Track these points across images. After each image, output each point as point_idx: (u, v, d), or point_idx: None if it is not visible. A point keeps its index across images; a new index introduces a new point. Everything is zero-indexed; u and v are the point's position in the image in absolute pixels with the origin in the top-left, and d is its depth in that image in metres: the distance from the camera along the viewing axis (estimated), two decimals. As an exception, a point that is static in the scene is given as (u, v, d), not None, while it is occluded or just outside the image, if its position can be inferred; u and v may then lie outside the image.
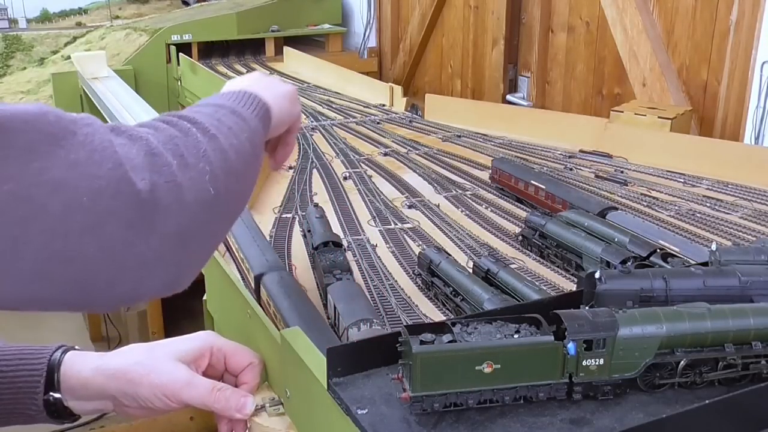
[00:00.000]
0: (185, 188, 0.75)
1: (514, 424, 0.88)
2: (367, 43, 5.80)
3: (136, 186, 0.70)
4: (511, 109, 3.58)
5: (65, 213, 0.66)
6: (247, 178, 0.91)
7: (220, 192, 0.80)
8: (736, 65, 3.11)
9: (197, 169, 0.78)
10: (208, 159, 0.80)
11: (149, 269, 0.73)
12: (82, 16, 6.73)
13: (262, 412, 1.13)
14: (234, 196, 0.87)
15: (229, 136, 0.86)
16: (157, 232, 0.72)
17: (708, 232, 1.88)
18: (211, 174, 0.79)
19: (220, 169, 0.81)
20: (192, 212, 0.76)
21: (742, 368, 0.95)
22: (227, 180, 0.82)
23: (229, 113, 0.91)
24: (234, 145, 0.86)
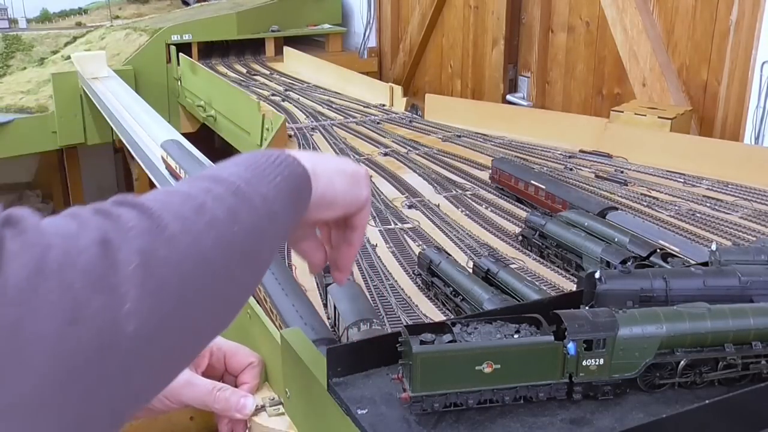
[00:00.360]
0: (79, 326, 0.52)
1: (514, 424, 0.88)
2: (367, 43, 5.80)
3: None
4: (511, 109, 3.58)
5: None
6: (221, 295, 0.66)
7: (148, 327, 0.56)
8: (736, 65, 3.11)
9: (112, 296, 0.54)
10: (140, 279, 0.56)
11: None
12: (82, 16, 6.72)
13: (262, 412, 1.13)
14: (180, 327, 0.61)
15: (203, 234, 0.62)
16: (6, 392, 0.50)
17: (708, 232, 1.88)
18: (137, 302, 0.55)
19: (162, 290, 0.58)
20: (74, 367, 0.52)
21: (742, 368, 0.95)
22: (171, 306, 0.59)
23: (227, 194, 0.67)
24: (205, 249, 0.62)
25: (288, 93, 4.23)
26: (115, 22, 6.41)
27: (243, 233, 0.66)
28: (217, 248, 0.63)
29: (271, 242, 0.72)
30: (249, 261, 0.68)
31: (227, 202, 0.66)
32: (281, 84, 4.56)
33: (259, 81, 4.71)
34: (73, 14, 6.71)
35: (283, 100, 4.03)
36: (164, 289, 0.58)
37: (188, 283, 0.60)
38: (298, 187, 0.76)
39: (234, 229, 0.65)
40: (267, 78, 4.82)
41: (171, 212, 0.61)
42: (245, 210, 0.67)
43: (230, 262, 0.65)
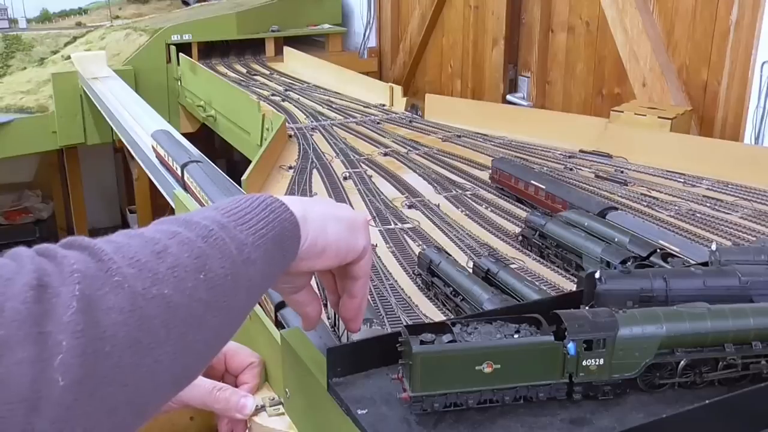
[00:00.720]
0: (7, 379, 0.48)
1: (514, 424, 0.88)
2: (367, 43, 5.80)
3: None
4: (511, 109, 3.58)
5: None
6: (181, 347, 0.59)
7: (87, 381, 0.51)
8: (736, 65, 3.11)
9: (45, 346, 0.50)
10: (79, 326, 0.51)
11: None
12: (82, 16, 6.72)
13: (262, 412, 1.13)
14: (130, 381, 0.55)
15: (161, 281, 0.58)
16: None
17: (708, 232, 1.88)
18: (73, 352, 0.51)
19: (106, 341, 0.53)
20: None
21: (742, 368, 0.95)
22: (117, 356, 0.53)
23: (196, 238, 0.62)
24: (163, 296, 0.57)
25: (288, 93, 4.23)
26: (115, 22, 6.41)
27: (211, 281, 0.61)
28: (179, 295, 0.58)
29: (248, 291, 0.67)
30: (219, 310, 0.63)
31: (195, 247, 0.61)
32: (281, 84, 4.56)
33: (259, 81, 4.71)
34: (73, 14, 6.71)
35: (283, 100, 4.03)
36: (109, 337, 0.52)
37: (142, 331, 0.55)
38: (284, 234, 0.71)
39: (200, 276, 0.60)
40: (267, 78, 4.83)
41: (126, 256, 0.57)
42: (216, 258, 0.62)
43: (195, 310, 0.60)
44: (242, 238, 0.66)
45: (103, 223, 6.88)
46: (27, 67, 5.57)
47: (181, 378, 0.63)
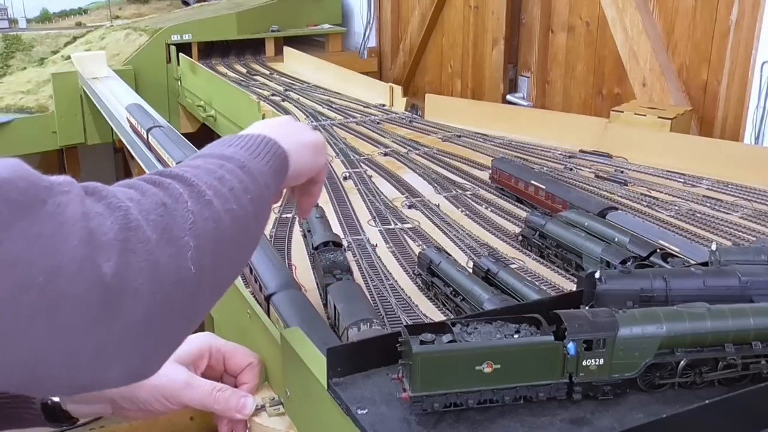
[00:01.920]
0: (161, 267, 0.68)
1: (514, 424, 0.88)
2: (367, 43, 5.80)
3: (101, 268, 0.62)
4: (511, 109, 3.58)
5: (16, 292, 0.59)
6: (244, 245, 0.84)
7: (205, 268, 0.73)
8: (736, 65, 3.11)
9: (179, 245, 0.70)
10: (196, 231, 0.72)
11: (108, 359, 0.66)
12: (82, 16, 6.72)
13: (262, 412, 1.13)
14: (223, 268, 0.79)
15: (229, 199, 0.79)
16: (121, 318, 0.65)
17: (708, 232, 1.88)
18: (196, 249, 0.71)
19: (210, 241, 0.74)
20: (166, 294, 0.68)
21: (742, 368, 0.95)
22: (216, 252, 0.75)
23: (236, 168, 0.83)
24: (232, 210, 0.78)
25: (288, 93, 4.23)
26: (115, 22, 6.41)
27: (253, 199, 0.83)
28: (239, 209, 0.80)
29: (268, 207, 0.91)
30: (258, 219, 0.86)
31: (238, 174, 0.82)
32: (281, 84, 4.56)
33: (259, 81, 4.71)
34: (73, 14, 6.71)
35: (283, 100, 4.03)
36: (209, 239, 0.74)
37: (224, 234, 0.76)
38: (281, 165, 0.93)
39: (248, 196, 0.82)
40: (267, 78, 4.83)
41: (204, 182, 0.77)
42: (252, 182, 0.84)
43: (247, 218, 0.81)
44: (261, 168, 0.87)
45: (103, 223, 6.90)
46: (27, 67, 5.57)
47: (242, 265, 0.89)
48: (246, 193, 0.81)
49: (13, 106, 4.96)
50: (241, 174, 0.83)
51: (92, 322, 0.63)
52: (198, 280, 0.72)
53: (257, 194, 0.84)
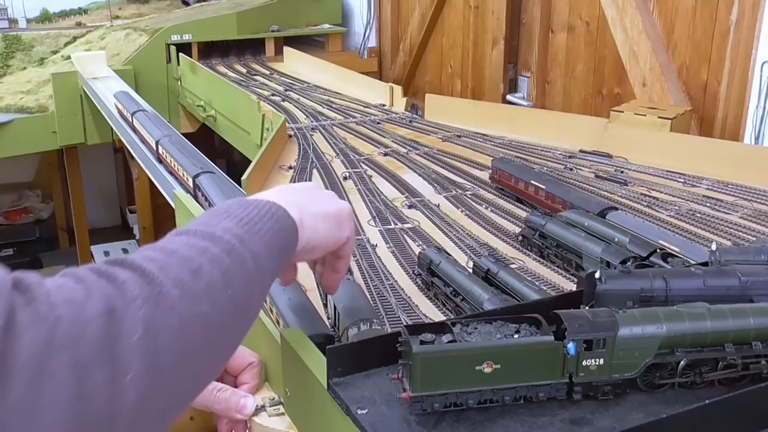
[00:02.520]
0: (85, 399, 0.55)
1: (514, 424, 0.88)
2: (367, 43, 5.80)
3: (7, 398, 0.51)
4: (511, 109, 3.58)
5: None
6: (214, 352, 0.70)
7: (150, 392, 0.59)
8: (736, 65, 3.11)
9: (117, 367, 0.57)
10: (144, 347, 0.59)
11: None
12: (82, 16, 6.72)
13: (262, 412, 1.13)
14: (178, 385, 0.64)
15: (200, 299, 0.65)
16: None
17: (708, 232, 1.88)
18: (142, 371, 0.58)
19: (165, 353, 0.60)
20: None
21: (742, 368, 0.95)
22: (173, 368, 0.62)
23: (223, 254, 0.70)
24: (202, 314, 0.65)
25: (288, 93, 4.23)
26: (115, 22, 6.41)
27: (235, 295, 0.69)
28: (213, 310, 0.66)
29: (259, 298, 0.78)
30: (240, 317, 0.72)
31: (223, 264, 0.69)
32: (281, 84, 4.56)
33: (259, 81, 4.71)
34: (73, 14, 6.71)
35: (283, 100, 4.03)
36: (165, 355, 0.60)
37: (187, 345, 0.63)
38: (287, 241, 0.81)
39: (228, 292, 0.68)
40: (267, 78, 4.82)
41: (170, 277, 0.63)
42: (239, 272, 0.70)
43: (224, 321, 0.68)
44: (257, 250, 0.74)
45: (103, 223, 6.89)
46: (27, 67, 5.57)
47: (213, 376, 0.76)
48: (227, 288, 0.68)
49: (13, 106, 4.95)
50: (228, 262, 0.70)
51: None
52: (138, 409, 0.58)
53: (241, 288, 0.70)
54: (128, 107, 3.63)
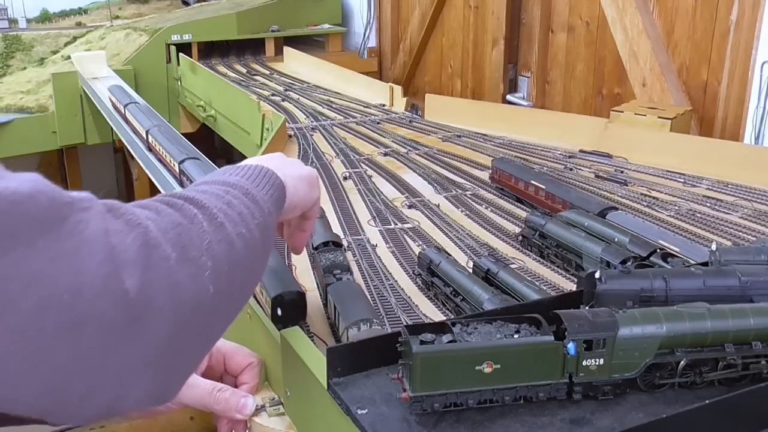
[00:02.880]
0: (182, 286, 0.67)
1: (514, 424, 0.88)
2: (367, 43, 5.80)
3: (124, 284, 0.61)
4: (511, 109, 3.58)
5: (39, 311, 0.57)
6: (254, 270, 0.84)
7: (221, 289, 0.73)
8: (736, 65, 3.11)
9: (197, 264, 0.70)
10: (212, 252, 0.72)
11: (133, 379, 0.65)
12: (82, 16, 6.72)
13: (262, 412, 1.13)
14: (237, 291, 0.79)
15: (238, 224, 0.79)
16: (144, 337, 0.63)
17: (708, 232, 1.88)
18: (213, 270, 0.72)
19: (224, 262, 0.74)
20: (186, 314, 0.68)
21: (742, 368, 0.95)
22: (230, 275, 0.75)
23: (242, 195, 0.84)
24: (242, 234, 0.79)
25: (288, 93, 4.23)
26: (115, 22, 6.41)
27: (259, 225, 0.84)
28: (249, 233, 0.81)
29: (272, 235, 0.91)
30: (264, 246, 0.86)
31: (244, 201, 0.83)
32: (281, 84, 4.56)
33: (259, 81, 4.71)
34: (73, 14, 6.71)
35: (283, 100, 4.03)
36: (224, 261, 0.74)
37: (236, 257, 0.77)
38: (280, 196, 0.95)
39: (255, 222, 0.83)
40: (267, 78, 4.83)
41: (214, 205, 0.78)
42: (257, 209, 0.85)
43: (256, 243, 0.82)
44: (263, 196, 0.88)
45: (103, 223, 6.89)
46: (27, 67, 5.57)
47: (253, 286, 0.90)
48: (253, 219, 0.82)
49: (13, 106, 4.96)
50: (247, 201, 0.84)
51: (116, 341, 0.62)
52: (215, 301, 0.72)
53: (263, 221, 0.84)
54: (121, 100, 3.83)
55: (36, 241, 0.58)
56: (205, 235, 0.73)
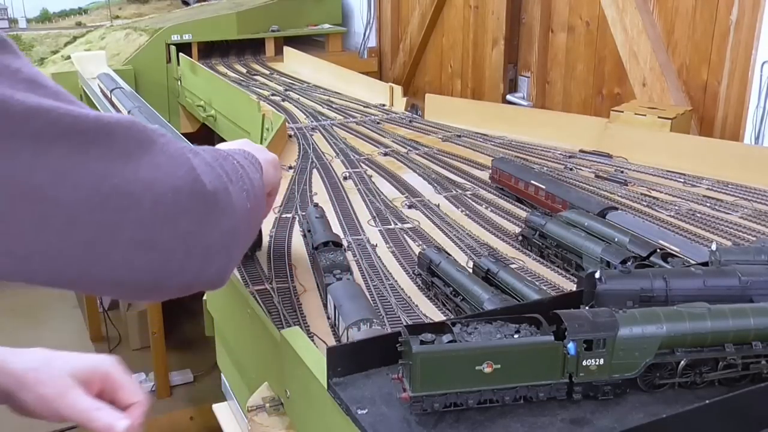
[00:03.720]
0: (234, 197, 0.88)
1: (514, 424, 0.88)
2: (367, 43, 5.80)
3: (206, 186, 0.83)
4: (511, 109, 3.58)
5: (154, 206, 0.77)
6: (260, 211, 1.04)
7: (252, 209, 0.94)
8: (736, 65, 3.11)
9: (239, 186, 0.91)
10: (244, 180, 0.94)
11: (210, 259, 0.86)
12: (82, 16, 6.72)
13: (262, 412, 1.13)
14: (256, 218, 1.01)
15: (251, 171, 0.99)
16: (218, 227, 0.85)
17: (708, 232, 1.88)
18: (247, 192, 0.93)
19: (251, 191, 0.95)
20: (238, 216, 0.89)
21: (742, 368, 0.95)
22: (254, 201, 0.96)
23: (243, 158, 1.01)
24: (254, 179, 0.99)
25: (288, 93, 4.23)
26: (115, 22, 6.41)
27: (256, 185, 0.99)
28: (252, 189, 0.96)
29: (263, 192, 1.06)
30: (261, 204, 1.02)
31: (247, 168, 0.98)
32: (281, 84, 4.56)
33: (259, 81, 4.71)
34: (73, 14, 6.71)
35: (283, 100, 4.03)
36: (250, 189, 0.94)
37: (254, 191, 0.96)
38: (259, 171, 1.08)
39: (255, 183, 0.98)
40: (267, 78, 4.83)
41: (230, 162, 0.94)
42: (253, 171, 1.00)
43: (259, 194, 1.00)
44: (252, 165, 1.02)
45: (103, 223, 6.91)
46: (27, 67, 5.56)
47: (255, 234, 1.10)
48: (252, 182, 0.98)
49: (14, 106, 4.95)
50: (245, 163, 1.00)
51: (202, 229, 0.83)
52: (249, 216, 0.94)
53: (257, 183, 1.01)
54: (108, 85, 4.10)
55: (142, 157, 0.77)
56: (238, 168, 0.94)
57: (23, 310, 5.44)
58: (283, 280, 1.63)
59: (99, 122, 0.75)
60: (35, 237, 0.72)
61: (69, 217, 0.73)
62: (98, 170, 0.74)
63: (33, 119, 0.71)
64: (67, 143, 0.73)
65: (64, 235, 0.73)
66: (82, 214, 0.74)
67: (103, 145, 0.75)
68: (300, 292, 1.58)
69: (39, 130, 0.71)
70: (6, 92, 0.69)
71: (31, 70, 0.74)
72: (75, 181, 0.73)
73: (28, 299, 5.65)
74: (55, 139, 0.72)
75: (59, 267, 0.75)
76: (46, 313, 5.52)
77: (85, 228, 0.74)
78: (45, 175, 0.71)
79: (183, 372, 4.60)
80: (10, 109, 0.69)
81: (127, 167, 0.75)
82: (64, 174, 0.72)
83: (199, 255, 0.84)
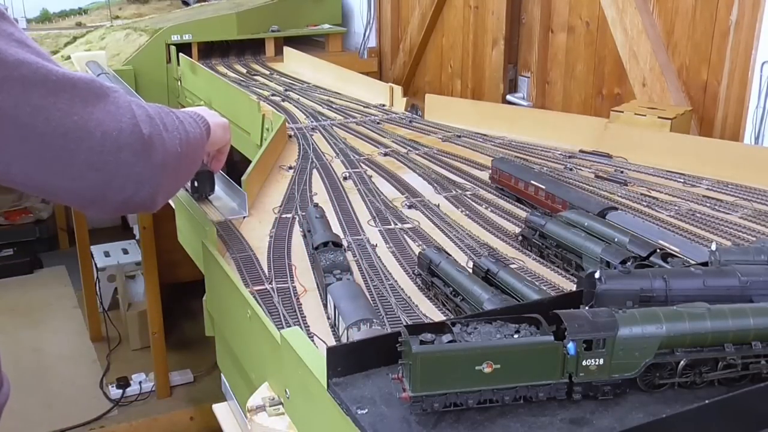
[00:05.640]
0: (166, 141, 1.18)
1: (514, 424, 0.88)
2: (367, 43, 5.79)
3: (142, 131, 1.13)
4: (511, 109, 3.58)
5: (102, 139, 1.08)
6: (195, 157, 1.36)
7: (183, 153, 1.23)
8: (736, 65, 3.11)
9: (173, 134, 1.21)
10: (179, 131, 1.23)
11: (142, 184, 1.14)
12: (82, 16, 6.72)
13: (262, 412, 1.13)
14: (188, 161, 1.30)
15: (189, 126, 1.28)
16: (150, 161, 1.14)
17: (708, 232, 1.88)
18: (180, 140, 1.22)
19: (185, 140, 1.24)
20: (169, 155, 1.18)
21: (742, 368, 0.95)
22: (187, 148, 1.24)
23: (188, 117, 1.32)
24: (190, 132, 1.28)
25: (288, 93, 4.23)
26: (115, 22, 6.41)
27: (198, 134, 1.33)
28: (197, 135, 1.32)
29: (201, 146, 1.39)
30: (199, 147, 1.37)
31: (188, 120, 1.31)
32: (281, 84, 4.56)
33: (259, 81, 4.71)
34: (73, 14, 6.71)
35: (283, 100, 4.03)
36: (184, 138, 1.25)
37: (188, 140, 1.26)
38: (207, 131, 1.42)
39: (197, 131, 1.32)
40: (267, 78, 4.82)
41: (176, 113, 1.28)
42: (196, 126, 1.33)
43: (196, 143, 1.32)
44: (196, 124, 1.34)
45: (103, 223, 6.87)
46: (27, 67, 5.56)
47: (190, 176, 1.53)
48: (195, 129, 1.31)
49: (14, 106, 4.95)
50: (190, 120, 1.31)
51: (137, 161, 1.12)
52: (180, 157, 1.22)
53: (199, 134, 1.34)
54: (94, 71, 4.19)
55: (97, 104, 1.09)
56: (175, 122, 1.23)
57: (23, 310, 5.45)
58: (283, 280, 1.63)
59: (66, 76, 1.06)
60: (17, 151, 1.02)
61: (41, 140, 1.03)
62: (64, 109, 1.04)
63: (21, 67, 1.00)
64: (44, 88, 1.02)
65: (37, 152, 1.03)
66: (51, 139, 1.03)
67: (68, 92, 1.05)
68: (300, 292, 1.58)
69: (24, 75, 1.00)
70: (2, 47, 0.98)
71: (21, 34, 1.04)
72: (47, 115, 1.02)
73: (28, 299, 5.65)
74: (36, 84, 1.01)
75: (31, 173, 1.05)
76: (46, 313, 5.52)
77: (52, 149, 1.04)
78: (26, 108, 1.00)
79: (183, 372, 4.61)
80: (5, 58, 0.98)
81: (85, 110, 1.06)
82: (39, 109, 1.01)
83: (134, 179, 1.12)
